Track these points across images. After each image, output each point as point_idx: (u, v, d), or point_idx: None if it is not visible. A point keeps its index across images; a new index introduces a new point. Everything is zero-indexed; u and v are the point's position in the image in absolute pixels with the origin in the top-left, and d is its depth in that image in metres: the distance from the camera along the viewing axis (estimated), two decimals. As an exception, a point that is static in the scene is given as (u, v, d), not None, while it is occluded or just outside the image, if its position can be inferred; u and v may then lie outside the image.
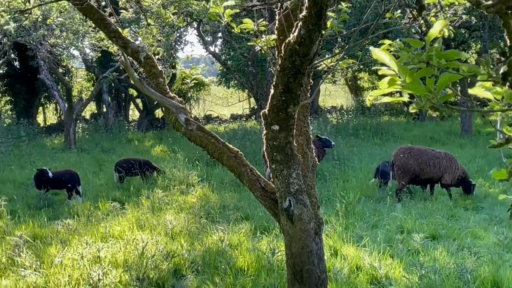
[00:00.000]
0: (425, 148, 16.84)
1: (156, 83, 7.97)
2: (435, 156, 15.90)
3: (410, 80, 2.73)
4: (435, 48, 2.69)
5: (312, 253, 6.81)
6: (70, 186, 16.71)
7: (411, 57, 2.78)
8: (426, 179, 15.96)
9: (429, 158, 15.81)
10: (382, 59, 2.82)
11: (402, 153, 16.16)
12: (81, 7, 7.80)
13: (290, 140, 6.38)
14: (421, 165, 15.76)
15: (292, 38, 5.62)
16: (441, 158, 15.80)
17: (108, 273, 9.13)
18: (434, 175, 15.77)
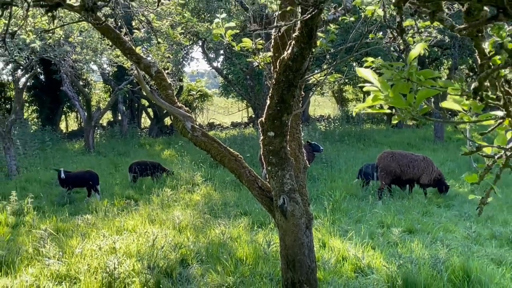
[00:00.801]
0: (405, 152, 16.86)
1: (166, 94, 7.97)
2: (414, 159, 15.93)
3: (393, 95, 2.75)
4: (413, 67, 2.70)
5: (303, 245, 6.82)
6: (91, 184, 16.69)
7: (393, 75, 2.78)
8: (406, 179, 15.97)
9: (409, 161, 15.84)
10: (367, 77, 2.84)
11: (385, 157, 16.19)
12: (99, 27, 7.79)
13: (284, 145, 6.41)
14: (401, 167, 15.79)
15: (286, 55, 5.64)
16: (420, 161, 15.83)
17: (122, 263, 9.09)
18: (413, 176, 15.79)
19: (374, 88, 2.80)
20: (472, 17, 2.45)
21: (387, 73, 2.78)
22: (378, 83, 2.77)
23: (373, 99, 2.83)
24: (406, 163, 15.83)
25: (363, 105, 2.96)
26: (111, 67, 25.85)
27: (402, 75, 2.71)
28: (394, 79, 2.75)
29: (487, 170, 3.13)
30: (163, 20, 10.29)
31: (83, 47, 19.25)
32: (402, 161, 15.89)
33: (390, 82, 2.75)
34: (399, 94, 2.73)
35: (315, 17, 5.19)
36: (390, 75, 2.76)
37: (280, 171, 6.55)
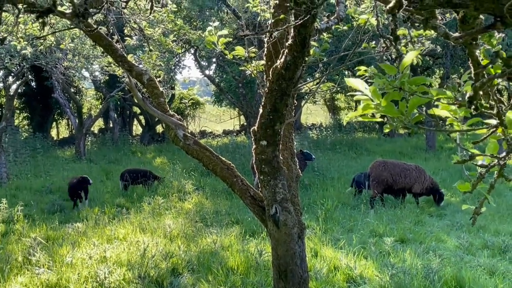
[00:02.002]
0: (397, 162, 16.88)
1: (158, 102, 7.94)
2: (406, 168, 15.94)
3: (385, 104, 2.75)
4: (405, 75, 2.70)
5: (295, 255, 6.78)
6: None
7: (385, 83, 2.78)
8: (398, 189, 15.97)
9: (401, 170, 15.85)
10: (356, 86, 2.84)
11: (377, 166, 16.19)
12: (91, 34, 7.77)
13: (277, 154, 6.38)
14: (393, 177, 15.79)
15: (279, 63, 5.62)
16: (411, 170, 15.84)
17: (113, 272, 9.05)
18: (405, 185, 15.80)
19: (365, 97, 2.80)
20: (468, 25, 2.44)
21: (379, 82, 2.78)
22: (368, 92, 2.77)
23: (363, 108, 2.83)
24: (398, 172, 15.84)
25: (354, 114, 2.96)
26: (103, 74, 25.82)
27: (394, 84, 2.71)
28: (386, 88, 2.74)
29: (480, 179, 3.12)
30: (155, 27, 10.28)
31: (75, 54, 19.22)
32: (394, 170, 15.90)
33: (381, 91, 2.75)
34: (391, 102, 2.73)
35: (308, 26, 5.19)
36: (382, 83, 2.76)
37: (272, 180, 6.52)
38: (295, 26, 5.24)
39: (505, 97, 35.81)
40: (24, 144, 27.91)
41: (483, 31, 2.26)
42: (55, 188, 19.21)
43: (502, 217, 14.17)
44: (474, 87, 2.35)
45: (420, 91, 2.68)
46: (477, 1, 1.99)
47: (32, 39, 9.65)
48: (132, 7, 9.79)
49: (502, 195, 16.71)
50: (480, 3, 1.99)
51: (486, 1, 1.96)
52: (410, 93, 2.70)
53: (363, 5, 6.98)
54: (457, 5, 2.06)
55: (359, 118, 3.06)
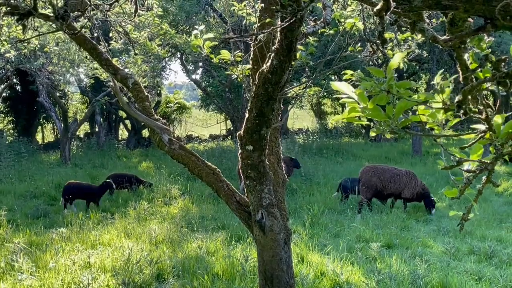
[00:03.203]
0: (388, 167, 16.86)
1: (143, 106, 7.87)
2: (396, 173, 15.92)
3: (372, 107, 2.72)
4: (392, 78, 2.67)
5: (281, 260, 6.73)
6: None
7: (373, 86, 2.74)
8: (388, 194, 15.97)
9: (391, 176, 15.83)
10: (342, 89, 2.81)
11: (367, 171, 16.20)
12: (75, 37, 7.68)
13: (263, 159, 6.33)
14: (383, 182, 15.78)
15: (265, 67, 5.58)
16: (402, 175, 15.82)
17: (97, 278, 8.94)
18: (395, 190, 15.79)
19: (351, 100, 2.77)
20: (456, 28, 2.40)
21: (366, 85, 2.74)
22: (355, 95, 2.73)
23: (349, 111, 2.81)
24: (388, 177, 15.83)
25: (339, 117, 2.93)
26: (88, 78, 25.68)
27: (382, 86, 2.67)
28: (373, 91, 2.71)
29: (468, 185, 3.08)
30: (141, 31, 10.21)
31: (59, 58, 19.09)
32: (384, 175, 15.88)
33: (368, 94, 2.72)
34: (378, 106, 2.69)
35: (294, 30, 5.15)
36: (370, 86, 2.72)
37: (258, 186, 6.47)
38: (282, 30, 5.21)
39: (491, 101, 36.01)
40: (9, 148, 27.64)
41: (473, 33, 2.21)
42: (39, 192, 19.02)
43: (488, 222, 14.20)
44: (463, 91, 2.30)
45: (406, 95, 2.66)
46: (467, 3, 1.95)
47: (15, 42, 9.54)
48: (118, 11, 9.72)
49: (488, 201, 16.76)
50: (470, 4, 1.95)
51: (476, 2, 1.92)
52: (397, 96, 2.67)
53: (348, 9, 6.96)
54: (447, 7, 2.01)
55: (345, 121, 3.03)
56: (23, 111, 37.39)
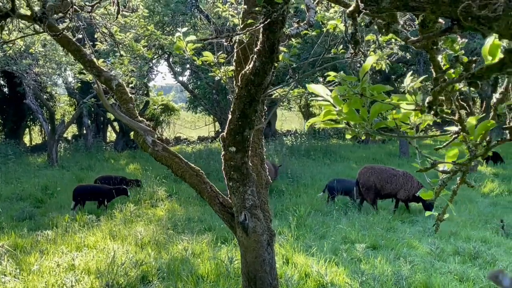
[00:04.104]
0: (385, 167, 16.88)
1: (127, 108, 7.85)
2: (393, 174, 15.95)
3: (346, 110, 2.73)
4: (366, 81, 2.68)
5: (264, 262, 6.73)
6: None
7: (346, 89, 2.75)
8: (385, 194, 16.01)
9: (388, 176, 15.87)
10: (318, 92, 2.81)
11: (365, 172, 16.24)
12: (59, 39, 7.65)
13: (246, 161, 6.33)
14: (381, 182, 15.82)
15: (248, 69, 5.58)
16: (399, 176, 15.85)
17: (80, 280, 8.90)
18: (391, 191, 15.82)
19: (326, 103, 2.78)
20: (427, 29, 2.40)
21: (340, 89, 2.75)
22: (330, 98, 2.74)
23: (325, 114, 2.82)
24: (385, 178, 15.87)
25: (315, 119, 2.93)
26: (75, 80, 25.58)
27: (356, 90, 2.68)
28: (348, 94, 2.72)
29: (443, 187, 3.09)
30: (126, 32, 10.17)
31: (46, 60, 19.01)
32: (382, 175, 15.93)
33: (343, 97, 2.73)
34: (352, 109, 2.70)
35: (276, 31, 5.16)
36: (343, 90, 2.73)
37: (241, 187, 6.47)
38: (264, 31, 5.20)
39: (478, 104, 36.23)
40: (-4, 151, 27.54)
41: (440, 34, 2.22)
42: (25, 195, 18.90)
43: (473, 223, 14.26)
44: (433, 92, 2.31)
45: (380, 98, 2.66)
46: (433, 4, 1.95)
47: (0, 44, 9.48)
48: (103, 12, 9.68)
49: (474, 201, 16.83)
50: (437, 6, 1.95)
51: (443, 4, 1.92)
52: (371, 99, 2.68)
53: (331, 10, 6.98)
54: (414, 8, 2.02)
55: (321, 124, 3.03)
56: (10, 113, 37.19)
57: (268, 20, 3.66)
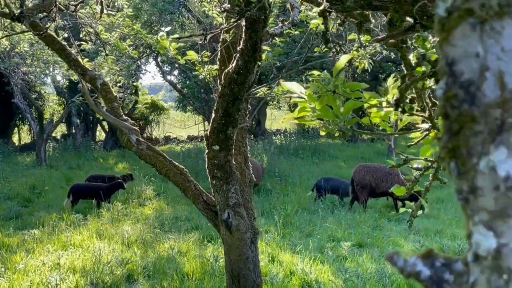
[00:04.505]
0: (380, 166, 16.88)
1: (111, 107, 7.86)
2: (388, 172, 15.95)
3: (319, 107, 2.75)
4: (339, 79, 2.70)
5: (248, 259, 6.75)
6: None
7: (320, 87, 2.78)
8: (380, 192, 16.03)
9: (383, 175, 15.88)
10: (292, 89, 2.84)
11: (360, 171, 16.27)
12: (43, 38, 7.65)
13: (229, 159, 6.36)
14: (376, 181, 15.83)
15: (231, 68, 5.62)
16: (394, 175, 15.85)
17: (65, 279, 8.89)
18: (386, 189, 15.83)
19: (302, 100, 2.80)
20: (395, 27, 2.44)
21: (314, 86, 2.78)
22: (305, 95, 2.77)
23: (299, 111, 2.84)
24: (380, 176, 15.88)
25: (290, 117, 2.96)
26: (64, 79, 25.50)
27: (328, 87, 2.71)
28: (321, 91, 2.74)
29: (415, 183, 3.13)
30: (111, 32, 10.16)
31: (33, 59, 18.94)
32: (377, 174, 15.94)
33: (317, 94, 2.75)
34: (326, 106, 2.72)
35: (259, 31, 5.19)
36: (316, 87, 2.76)
37: (225, 185, 6.50)
38: (246, 30, 5.24)
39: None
40: (-16, 150, 27.42)
41: (403, 33, 2.25)
42: (13, 194, 18.81)
43: (459, 221, 14.32)
44: (399, 89, 2.35)
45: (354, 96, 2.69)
46: (396, 4, 1.99)
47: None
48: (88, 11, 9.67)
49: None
50: (399, 5, 1.99)
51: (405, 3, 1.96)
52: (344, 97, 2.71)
53: (314, 9, 6.99)
54: (378, 7, 2.05)
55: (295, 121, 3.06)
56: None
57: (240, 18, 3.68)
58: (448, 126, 0.68)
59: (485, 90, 0.65)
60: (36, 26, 7.45)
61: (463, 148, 0.66)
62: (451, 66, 0.67)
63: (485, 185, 0.65)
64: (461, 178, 0.68)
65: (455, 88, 0.66)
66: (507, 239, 0.63)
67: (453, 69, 0.67)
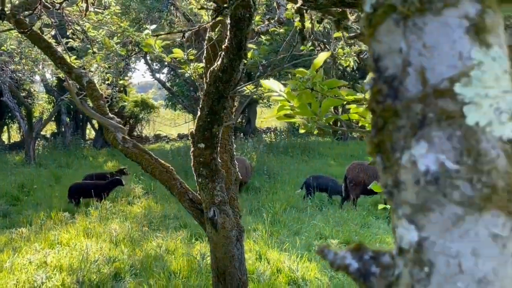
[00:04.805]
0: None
1: (97, 105, 7.85)
2: None
3: (298, 105, 2.76)
4: (318, 76, 2.71)
5: (234, 257, 6.76)
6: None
7: (298, 84, 2.79)
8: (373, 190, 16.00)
9: (376, 172, 15.88)
10: (271, 87, 2.84)
11: (353, 168, 16.30)
12: (29, 35, 7.64)
13: (215, 157, 6.36)
14: (370, 179, 15.85)
15: (216, 66, 5.62)
16: None
17: (51, 277, 8.86)
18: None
19: (281, 98, 2.80)
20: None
21: (292, 83, 2.79)
22: (284, 93, 2.77)
23: (278, 109, 2.84)
24: (373, 174, 15.90)
25: (270, 115, 2.97)
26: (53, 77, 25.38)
27: (306, 84, 2.72)
28: (299, 88, 2.75)
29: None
30: (98, 30, 10.13)
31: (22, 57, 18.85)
32: (370, 172, 15.97)
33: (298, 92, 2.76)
34: (304, 103, 2.73)
35: (244, 28, 5.19)
36: (295, 84, 2.77)
37: (210, 183, 6.50)
38: (231, 28, 5.24)
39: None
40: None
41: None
42: (1, 193, 18.72)
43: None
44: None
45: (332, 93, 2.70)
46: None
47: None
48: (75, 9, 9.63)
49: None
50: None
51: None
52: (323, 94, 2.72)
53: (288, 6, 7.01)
54: (350, 5, 2.06)
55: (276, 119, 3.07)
56: (-13, 111, 36.92)
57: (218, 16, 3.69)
58: (374, 121, 0.69)
59: (407, 85, 0.66)
60: (21, 23, 7.43)
61: (387, 143, 0.67)
62: (377, 61, 0.68)
63: (407, 179, 0.66)
64: (386, 173, 0.69)
65: (380, 83, 0.67)
66: (428, 233, 0.64)
67: (379, 65, 0.68)
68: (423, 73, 0.65)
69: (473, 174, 0.65)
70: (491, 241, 0.63)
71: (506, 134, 0.67)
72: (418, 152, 0.65)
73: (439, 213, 0.63)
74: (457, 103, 0.65)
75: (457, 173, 0.64)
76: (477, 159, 0.65)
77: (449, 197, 0.63)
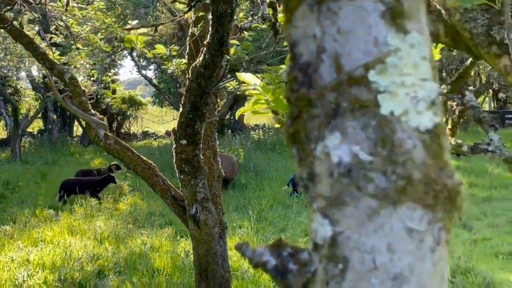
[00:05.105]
0: None
1: (79, 101, 7.81)
2: None
3: (272, 98, 2.74)
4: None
5: (216, 254, 6.74)
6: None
7: (272, 78, 2.77)
8: None
9: None
10: (247, 80, 2.82)
11: None
12: (10, 31, 7.59)
13: (197, 153, 6.33)
14: None
15: (198, 62, 5.60)
16: None
17: (33, 275, 8.80)
18: None
19: (257, 92, 2.78)
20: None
21: (267, 76, 2.77)
22: (259, 87, 2.75)
23: (254, 103, 2.82)
24: None
25: (245, 109, 2.95)
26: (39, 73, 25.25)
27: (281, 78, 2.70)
28: (274, 82, 2.74)
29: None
30: (82, 25, 10.06)
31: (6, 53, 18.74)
32: None
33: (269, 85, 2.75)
34: (279, 97, 2.71)
35: (225, 24, 5.16)
36: (269, 78, 2.75)
37: (193, 180, 6.47)
38: (213, 24, 5.21)
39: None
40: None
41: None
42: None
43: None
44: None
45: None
46: None
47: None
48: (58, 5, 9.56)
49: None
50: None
51: None
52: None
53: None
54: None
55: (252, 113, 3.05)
56: (-26, 108, 36.61)
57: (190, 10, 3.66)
58: (290, 111, 0.67)
59: (321, 73, 0.63)
60: (2, 19, 7.37)
61: (302, 133, 0.64)
62: (292, 48, 0.66)
63: (322, 171, 0.63)
64: (301, 165, 0.67)
65: (295, 71, 0.65)
66: (342, 227, 0.61)
67: (294, 51, 0.65)
68: (337, 59, 0.63)
69: (388, 165, 0.62)
70: (407, 235, 0.60)
71: (424, 124, 0.64)
72: (331, 143, 0.63)
73: (353, 206, 0.61)
74: (371, 91, 0.63)
75: (371, 164, 0.62)
76: (392, 149, 0.62)
77: (363, 189, 0.61)
